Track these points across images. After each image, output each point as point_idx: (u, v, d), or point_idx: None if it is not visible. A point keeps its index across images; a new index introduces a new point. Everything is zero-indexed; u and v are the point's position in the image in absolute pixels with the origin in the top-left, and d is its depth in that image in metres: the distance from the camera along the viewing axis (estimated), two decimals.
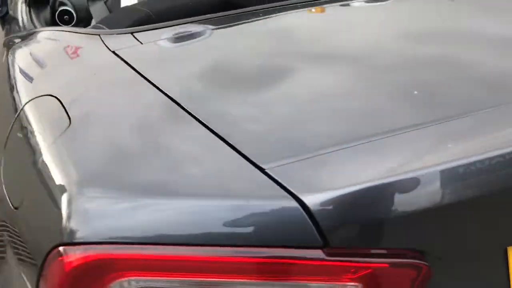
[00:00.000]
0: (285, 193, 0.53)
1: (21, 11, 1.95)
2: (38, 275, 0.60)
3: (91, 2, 1.62)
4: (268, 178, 0.55)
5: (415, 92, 0.72)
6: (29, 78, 1.03)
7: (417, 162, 0.58)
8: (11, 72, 1.14)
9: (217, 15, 1.08)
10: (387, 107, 0.71)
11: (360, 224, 0.55)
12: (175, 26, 1.06)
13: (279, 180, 0.54)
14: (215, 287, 0.55)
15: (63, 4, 2.17)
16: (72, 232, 0.56)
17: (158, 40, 1.05)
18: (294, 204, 0.52)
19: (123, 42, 1.02)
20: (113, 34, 1.06)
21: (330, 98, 0.76)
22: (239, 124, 0.69)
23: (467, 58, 0.83)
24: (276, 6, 1.08)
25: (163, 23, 1.07)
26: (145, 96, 0.80)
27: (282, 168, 0.56)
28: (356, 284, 0.53)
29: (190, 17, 1.07)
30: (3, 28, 2.14)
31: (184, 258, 0.53)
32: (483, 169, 0.57)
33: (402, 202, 0.55)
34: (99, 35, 1.05)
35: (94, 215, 0.57)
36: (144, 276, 0.54)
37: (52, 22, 1.83)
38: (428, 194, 0.55)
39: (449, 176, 0.56)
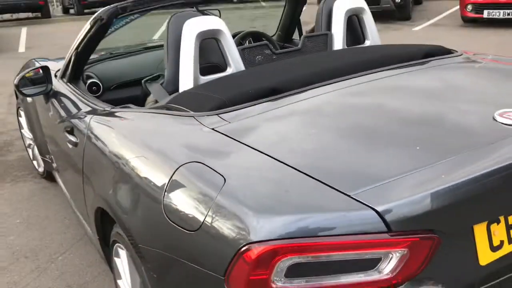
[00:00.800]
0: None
1: (63, 87, 2.39)
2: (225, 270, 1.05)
3: (149, 84, 2.08)
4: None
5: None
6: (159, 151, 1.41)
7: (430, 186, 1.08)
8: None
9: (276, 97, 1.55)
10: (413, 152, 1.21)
11: (404, 219, 1.05)
12: (247, 108, 1.51)
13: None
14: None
15: (91, 77, 2.65)
16: (252, 235, 1.03)
17: (241, 119, 1.45)
18: (373, 216, 1.03)
19: (213, 121, 1.48)
20: (204, 115, 1.52)
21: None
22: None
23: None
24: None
25: (238, 106, 1.51)
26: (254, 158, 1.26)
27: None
28: (404, 249, 1.04)
29: (252, 101, 1.55)
30: (46, 102, 2.55)
31: (315, 244, 1.02)
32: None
33: (425, 207, 1.06)
34: (193, 116, 1.52)
35: (261, 226, 1.05)
36: (294, 255, 1.02)
37: (85, 92, 2.28)
38: (436, 202, 1.07)
39: (447, 191, 1.07)
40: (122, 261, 1.68)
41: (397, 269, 1.04)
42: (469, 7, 8.57)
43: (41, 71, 2.48)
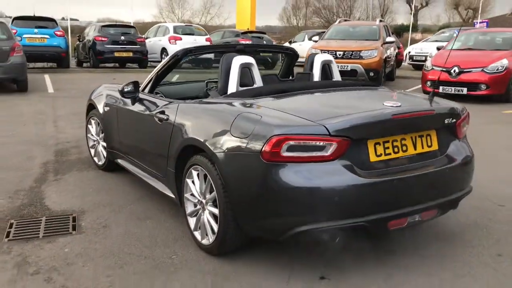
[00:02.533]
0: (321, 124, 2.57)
1: (146, 95, 3.88)
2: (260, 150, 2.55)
3: (209, 91, 3.63)
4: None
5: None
6: None
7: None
8: None
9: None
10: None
11: (336, 130, 2.55)
12: (266, 97, 3.09)
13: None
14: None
15: (158, 93, 4.14)
16: (274, 132, 2.54)
17: (263, 99, 3.08)
18: (323, 128, 2.55)
19: (251, 101, 3.03)
20: (247, 99, 3.08)
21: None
22: None
23: None
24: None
25: (262, 96, 3.11)
26: None
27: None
28: (335, 143, 2.54)
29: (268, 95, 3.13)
30: (133, 104, 4.03)
31: (300, 137, 2.53)
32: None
33: (345, 126, 2.59)
34: (241, 98, 3.08)
35: (276, 130, 2.56)
36: (290, 141, 2.53)
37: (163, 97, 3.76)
38: (349, 125, 2.61)
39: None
40: (194, 178, 3.12)
41: (332, 152, 2.54)
42: (428, 83, 10.46)
43: (132, 85, 3.99)
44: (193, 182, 3.17)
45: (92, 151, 5.11)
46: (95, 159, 5.04)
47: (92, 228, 3.50)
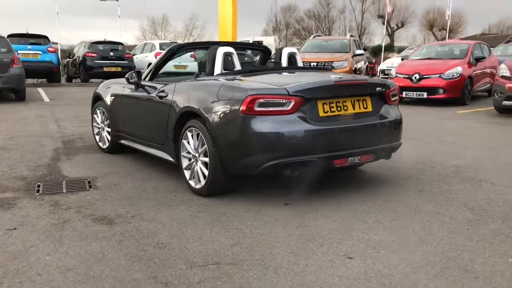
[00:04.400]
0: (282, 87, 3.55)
1: (147, 83, 4.82)
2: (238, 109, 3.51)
3: (198, 75, 4.58)
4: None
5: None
6: None
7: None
8: None
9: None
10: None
11: (293, 91, 3.51)
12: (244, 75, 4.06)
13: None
14: None
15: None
16: (249, 93, 3.50)
17: (242, 76, 4.06)
18: (284, 90, 3.53)
19: (230, 77, 4.00)
20: (226, 76, 4.04)
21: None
22: None
23: None
24: None
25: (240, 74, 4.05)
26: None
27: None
28: (293, 101, 3.50)
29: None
30: (136, 90, 4.96)
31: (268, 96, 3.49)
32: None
33: (302, 88, 3.59)
34: (225, 76, 4.05)
35: (251, 91, 3.54)
36: (261, 100, 3.50)
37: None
38: (304, 87, 3.62)
39: None
40: (189, 138, 4.05)
41: (291, 107, 3.50)
42: None
43: (136, 74, 4.93)
44: (188, 142, 4.09)
45: (97, 137, 5.99)
46: (100, 144, 5.92)
47: (105, 187, 4.38)
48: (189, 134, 4.05)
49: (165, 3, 68.90)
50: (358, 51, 13.27)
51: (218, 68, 4.37)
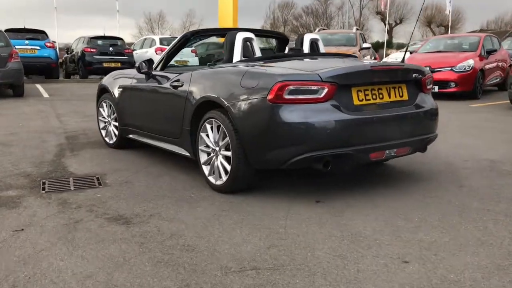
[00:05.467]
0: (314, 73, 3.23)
1: (159, 72, 4.48)
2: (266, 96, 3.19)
3: (213, 64, 4.26)
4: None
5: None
6: None
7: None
8: None
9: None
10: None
11: (326, 77, 3.20)
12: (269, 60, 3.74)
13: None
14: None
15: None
16: (278, 79, 3.18)
17: (266, 62, 3.73)
18: (317, 76, 3.20)
19: (255, 63, 3.68)
20: (251, 62, 3.72)
21: None
22: None
23: None
24: None
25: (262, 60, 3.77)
26: None
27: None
28: (327, 87, 3.18)
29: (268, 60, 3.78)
30: (147, 80, 4.63)
31: (300, 82, 3.17)
32: None
33: (334, 74, 3.25)
34: (248, 61, 3.72)
35: (281, 77, 3.22)
36: (290, 86, 3.18)
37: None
38: (337, 73, 3.27)
39: None
40: (208, 131, 3.72)
41: (324, 95, 3.18)
42: None
43: (148, 63, 4.59)
44: (207, 135, 3.77)
45: (103, 132, 5.65)
46: (106, 139, 5.59)
47: (116, 183, 4.05)
48: (208, 126, 3.73)
49: (162, 0, 68.46)
50: (365, 45, 12.96)
51: (237, 54, 4.05)
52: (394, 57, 19.71)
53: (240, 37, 4.07)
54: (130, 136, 5.10)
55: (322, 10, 60.04)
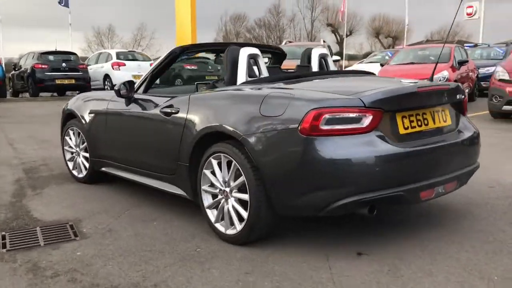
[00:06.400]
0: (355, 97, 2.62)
1: (142, 95, 3.76)
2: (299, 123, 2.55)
3: (216, 84, 3.58)
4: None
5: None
6: None
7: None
8: None
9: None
10: None
11: (370, 102, 2.60)
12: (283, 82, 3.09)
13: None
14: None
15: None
16: (312, 106, 2.55)
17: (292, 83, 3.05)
18: (358, 101, 2.60)
19: (271, 85, 3.02)
20: (266, 83, 3.06)
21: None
22: None
23: None
24: None
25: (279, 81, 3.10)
26: None
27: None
28: (371, 115, 2.58)
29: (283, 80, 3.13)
30: (127, 105, 3.89)
31: (339, 109, 2.55)
32: None
33: (378, 98, 2.65)
34: (261, 83, 3.06)
35: (316, 103, 2.57)
36: (327, 114, 2.55)
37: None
38: (381, 97, 2.68)
39: None
40: (214, 167, 3.04)
41: (368, 123, 2.58)
42: None
43: (128, 85, 3.85)
44: (212, 172, 3.08)
45: (71, 164, 4.84)
46: (75, 172, 4.77)
47: (96, 233, 3.28)
48: (214, 162, 3.05)
49: (110, 14, 66.74)
50: (335, 57, 12.59)
51: (242, 74, 3.39)
52: (358, 69, 19.59)
53: (244, 53, 3.43)
54: (104, 169, 4.33)
55: (274, 23, 60.25)
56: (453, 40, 51.62)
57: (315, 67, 3.92)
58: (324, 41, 13.79)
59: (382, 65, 12.36)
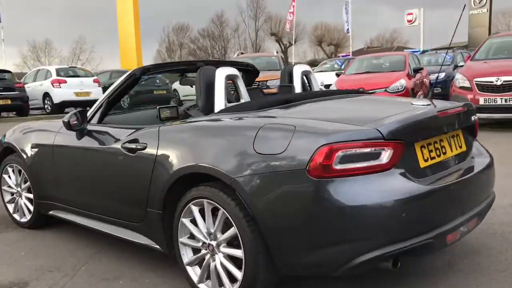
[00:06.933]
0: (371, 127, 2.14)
1: (96, 127, 3.15)
2: (308, 160, 2.05)
3: (187, 111, 3.02)
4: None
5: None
6: None
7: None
8: None
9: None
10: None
11: (389, 133, 2.14)
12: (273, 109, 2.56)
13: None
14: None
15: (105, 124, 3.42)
16: (322, 141, 2.05)
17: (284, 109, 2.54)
18: (376, 132, 2.12)
19: (263, 113, 2.49)
20: (256, 111, 2.53)
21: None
22: None
23: None
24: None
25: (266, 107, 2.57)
26: None
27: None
28: (392, 148, 2.13)
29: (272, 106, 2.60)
30: (79, 139, 3.25)
31: (354, 144, 2.07)
32: None
33: (398, 127, 2.20)
34: (250, 111, 2.52)
35: (326, 137, 2.08)
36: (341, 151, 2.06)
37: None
38: (401, 125, 2.22)
39: None
40: (195, 215, 2.49)
41: (388, 159, 2.12)
42: None
43: (77, 114, 3.22)
44: (192, 221, 2.53)
45: (11, 207, 4.11)
46: (16, 216, 4.05)
47: None
48: (195, 209, 2.50)
49: (47, 27, 63.98)
50: None
51: (220, 100, 2.86)
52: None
53: (221, 74, 2.90)
54: (53, 213, 3.66)
55: (218, 33, 59.89)
56: (393, 46, 53.23)
57: (298, 86, 3.45)
58: (277, 52, 13.47)
59: (338, 75, 12.14)
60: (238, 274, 2.32)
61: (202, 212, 2.48)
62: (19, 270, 3.12)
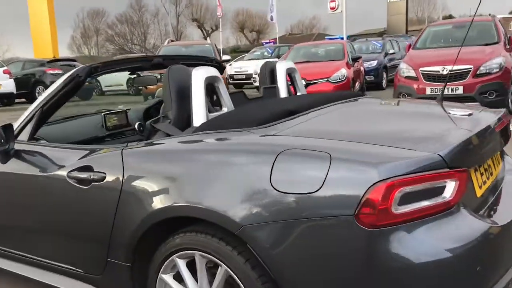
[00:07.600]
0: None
1: (26, 145, 2.40)
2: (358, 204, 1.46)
3: (156, 125, 2.31)
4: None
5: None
6: None
7: None
8: None
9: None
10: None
11: (453, 160, 1.61)
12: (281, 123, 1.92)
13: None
14: None
15: (39, 139, 2.68)
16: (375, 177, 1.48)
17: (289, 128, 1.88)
18: (437, 157, 1.58)
19: (264, 131, 1.86)
20: (254, 129, 1.88)
21: None
22: None
23: None
24: None
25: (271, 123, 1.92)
26: None
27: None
28: (457, 180, 1.60)
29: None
30: (3, 162, 2.45)
31: (415, 178, 1.51)
32: None
33: (462, 153, 1.66)
34: (246, 130, 1.87)
35: (379, 171, 1.50)
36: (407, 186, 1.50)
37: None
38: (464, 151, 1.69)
39: None
40: (183, 272, 1.84)
41: (453, 193, 1.58)
42: None
43: (2, 131, 2.39)
44: (176, 278, 1.88)
45: None
46: None
47: None
48: (180, 263, 1.84)
49: None
50: (225, 57, 11.61)
51: (199, 110, 2.19)
52: (238, 66, 18.60)
53: (199, 77, 2.22)
54: None
55: (137, 18, 57.45)
56: (313, 33, 53.94)
57: (283, 88, 2.84)
58: (210, 41, 12.72)
59: None
60: None
61: (191, 267, 1.83)
62: None
